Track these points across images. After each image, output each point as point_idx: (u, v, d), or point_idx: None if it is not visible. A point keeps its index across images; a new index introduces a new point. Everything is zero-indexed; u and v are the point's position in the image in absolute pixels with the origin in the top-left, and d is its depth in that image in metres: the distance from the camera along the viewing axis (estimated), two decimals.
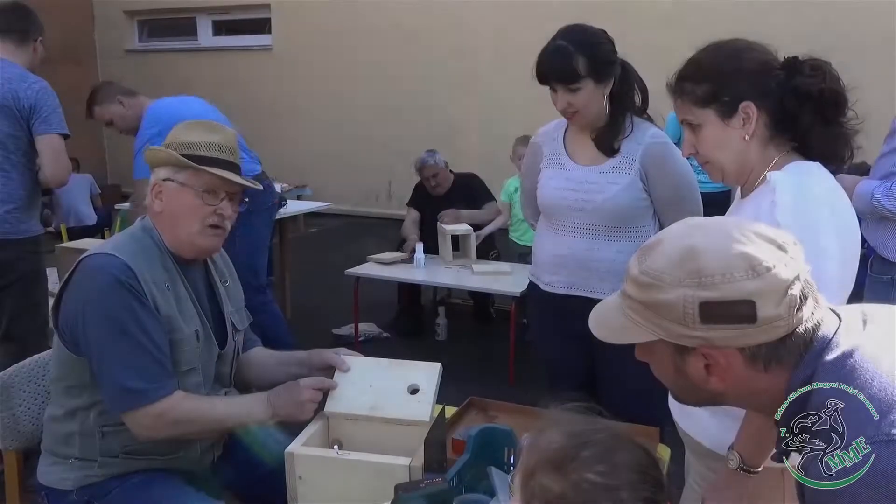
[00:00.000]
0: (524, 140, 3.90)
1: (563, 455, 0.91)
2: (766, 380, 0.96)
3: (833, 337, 0.95)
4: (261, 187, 1.88)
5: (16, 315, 2.95)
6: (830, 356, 0.93)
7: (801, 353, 0.95)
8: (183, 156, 1.67)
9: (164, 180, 1.70)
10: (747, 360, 0.95)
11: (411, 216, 4.93)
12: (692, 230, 0.98)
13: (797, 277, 0.93)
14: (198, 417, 1.64)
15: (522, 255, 4.66)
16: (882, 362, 0.90)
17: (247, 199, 1.82)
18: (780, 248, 0.94)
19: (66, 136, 2.94)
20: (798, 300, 0.92)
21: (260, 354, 1.97)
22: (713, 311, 0.92)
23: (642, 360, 1.06)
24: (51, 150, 2.89)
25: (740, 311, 0.91)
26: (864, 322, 0.98)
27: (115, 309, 1.58)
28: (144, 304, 1.60)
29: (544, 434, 0.95)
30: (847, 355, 0.92)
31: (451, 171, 4.88)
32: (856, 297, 1.40)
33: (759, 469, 1.32)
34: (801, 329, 0.94)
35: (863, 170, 2.85)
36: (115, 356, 1.58)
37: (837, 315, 0.99)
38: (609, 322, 1.05)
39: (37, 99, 2.85)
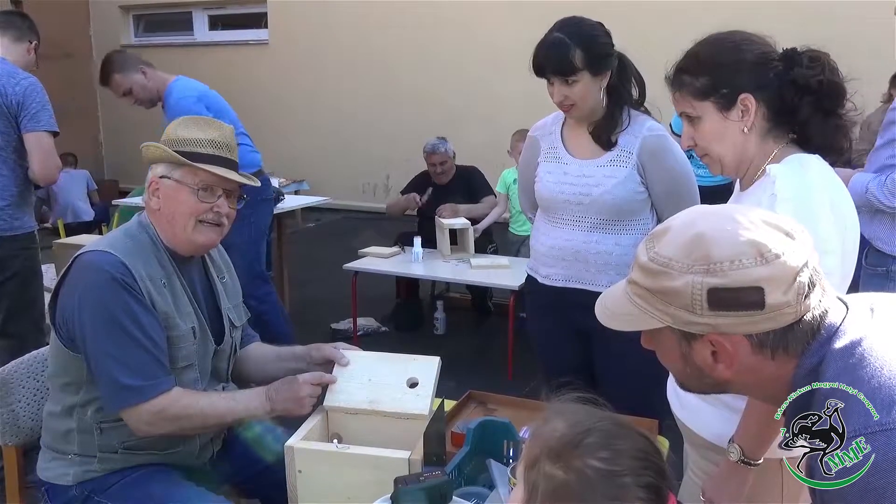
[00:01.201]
0: (522, 134, 3.88)
1: (566, 443, 0.91)
2: (772, 367, 0.96)
3: (841, 325, 0.95)
4: (258, 183, 1.87)
5: (12, 312, 2.94)
6: (839, 344, 0.93)
7: (808, 340, 0.95)
8: (179, 152, 1.66)
9: (160, 177, 1.69)
10: (754, 347, 0.95)
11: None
12: (700, 217, 0.98)
13: (805, 265, 0.93)
14: (196, 413, 1.63)
15: (517, 245, 4.66)
16: (890, 352, 0.90)
17: (245, 197, 1.81)
18: (788, 235, 0.94)
19: (55, 134, 2.92)
20: (806, 287, 0.92)
21: (258, 349, 1.97)
22: (721, 298, 0.91)
23: (648, 347, 1.06)
24: (39, 147, 2.85)
25: (748, 298, 0.91)
26: (872, 311, 0.98)
27: (111, 306, 1.57)
28: (140, 301, 1.59)
29: (547, 423, 0.95)
30: (856, 343, 0.92)
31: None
32: (852, 289, 1.40)
33: (760, 461, 1.32)
34: (808, 316, 0.94)
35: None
36: (112, 353, 1.57)
37: (845, 304, 0.99)
38: (616, 309, 1.04)
39: (24, 95, 2.82)
